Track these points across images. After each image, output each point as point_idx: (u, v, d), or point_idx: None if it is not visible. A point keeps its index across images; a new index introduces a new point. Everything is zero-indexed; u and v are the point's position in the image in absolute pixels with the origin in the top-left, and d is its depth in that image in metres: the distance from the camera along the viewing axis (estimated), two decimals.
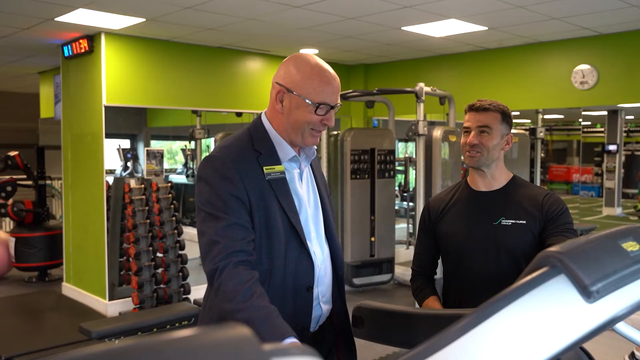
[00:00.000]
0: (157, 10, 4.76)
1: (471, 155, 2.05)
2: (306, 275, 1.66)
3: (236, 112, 6.91)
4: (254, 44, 6.24)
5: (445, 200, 2.17)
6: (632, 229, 0.88)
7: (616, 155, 7.85)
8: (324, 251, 1.74)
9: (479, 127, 2.03)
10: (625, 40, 5.50)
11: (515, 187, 2.08)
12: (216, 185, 1.58)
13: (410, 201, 7.50)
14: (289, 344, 1.33)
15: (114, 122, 6.00)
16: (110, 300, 5.68)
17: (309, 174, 1.79)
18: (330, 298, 1.77)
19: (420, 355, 0.72)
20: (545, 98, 6.19)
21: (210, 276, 1.53)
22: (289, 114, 1.65)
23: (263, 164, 1.64)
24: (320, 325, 1.76)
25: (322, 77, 1.62)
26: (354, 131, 6.45)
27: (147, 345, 0.43)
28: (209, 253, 1.54)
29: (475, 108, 2.05)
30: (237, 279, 1.48)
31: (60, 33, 5.58)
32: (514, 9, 4.63)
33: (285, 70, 1.66)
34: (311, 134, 1.66)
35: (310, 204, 1.74)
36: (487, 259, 2.00)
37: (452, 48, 6.46)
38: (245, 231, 1.55)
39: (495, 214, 2.03)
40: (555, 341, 0.71)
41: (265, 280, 1.60)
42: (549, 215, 1.98)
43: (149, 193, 5.65)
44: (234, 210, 1.55)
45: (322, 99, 1.61)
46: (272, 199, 1.61)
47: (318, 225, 1.75)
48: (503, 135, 2.05)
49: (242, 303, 1.45)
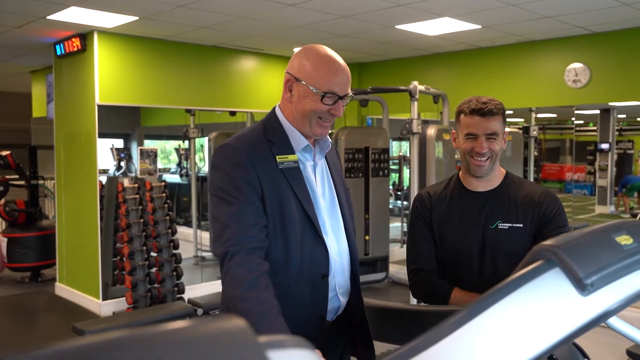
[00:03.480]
0: (150, 9, 4.74)
1: (480, 165, 1.93)
2: (321, 263, 1.66)
3: (230, 111, 6.89)
4: (247, 43, 6.23)
5: (438, 194, 2.05)
6: (625, 222, 0.88)
7: (608, 153, 7.90)
8: (340, 244, 1.74)
9: (487, 135, 1.90)
10: (618, 39, 5.53)
11: (510, 186, 2.01)
12: (229, 172, 1.60)
13: (404, 200, 7.51)
14: (284, 336, 1.33)
15: (107, 121, 5.98)
16: (103, 300, 5.66)
17: (324, 168, 1.78)
18: (348, 290, 1.77)
19: (415, 350, 0.72)
20: (538, 96, 6.22)
21: (221, 259, 1.55)
22: (297, 102, 1.66)
23: (276, 153, 1.65)
24: (338, 317, 1.76)
25: (329, 67, 1.63)
26: (348, 130, 6.46)
27: (142, 336, 0.43)
28: (221, 237, 1.55)
29: (482, 113, 1.89)
30: (247, 267, 1.49)
31: (52, 31, 5.56)
32: (507, 7, 4.64)
33: (295, 60, 1.69)
34: (319, 123, 1.66)
35: (325, 198, 1.74)
36: (485, 264, 1.94)
37: (446, 47, 6.47)
38: (257, 216, 1.56)
39: (491, 217, 1.95)
40: (549, 334, 0.71)
41: (282, 268, 1.61)
42: (545, 217, 1.93)
43: (142, 192, 5.63)
44: (246, 195, 1.57)
45: (328, 88, 1.62)
46: (286, 188, 1.63)
47: (335, 219, 1.75)
48: (503, 135, 1.96)
49: (246, 292, 1.46)
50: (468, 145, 1.93)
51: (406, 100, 5.96)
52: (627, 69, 5.51)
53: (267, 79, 6.77)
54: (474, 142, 1.92)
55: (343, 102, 1.66)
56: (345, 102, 1.67)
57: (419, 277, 2.03)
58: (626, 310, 0.79)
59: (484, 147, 1.90)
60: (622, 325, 0.89)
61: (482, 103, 1.90)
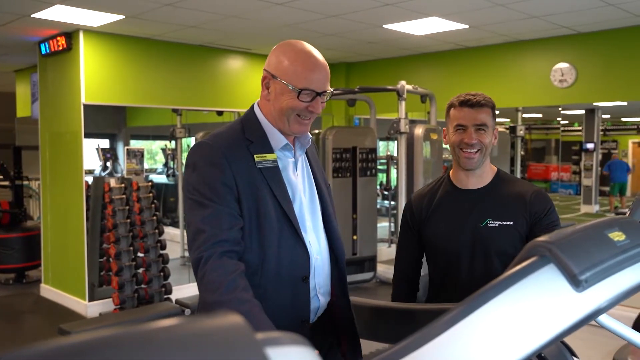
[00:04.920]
0: (137, 7, 4.71)
1: (469, 157, 1.93)
2: (301, 265, 1.62)
3: (217, 111, 6.86)
4: (235, 42, 6.21)
5: (428, 197, 2.07)
6: (617, 219, 0.89)
7: (593, 153, 7.97)
8: (320, 242, 1.71)
9: (476, 125, 1.92)
10: (603, 39, 5.58)
11: (501, 183, 2.01)
12: (204, 172, 1.56)
13: (392, 200, 7.52)
14: (281, 333, 1.32)
15: (92, 121, 5.92)
16: (90, 301, 5.61)
17: (304, 164, 1.75)
18: (328, 290, 1.73)
19: (409, 348, 0.72)
20: (525, 96, 6.26)
21: (194, 265, 1.50)
22: (275, 100, 1.62)
23: (254, 152, 1.61)
24: (319, 318, 1.72)
25: (305, 63, 1.59)
26: (336, 130, 6.45)
27: (138, 333, 0.42)
28: (195, 242, 1.51)
29: (471, 104, 1.92)
30: (221, 270, 1.45)
31: (37, 30, 5.49)
32: (494, 7, 4.67)
33: (272, 57, 1.66)
34: (297, 120, 1.62)
35: (305, 194, 1.71)
36: (475, 262, 1.94)
37: (433, 46, 6.49)
38: (232, 219, 1.53)
39: (481, 215, 1.95)
40: (545, 330, 0.71)
41: (258, 269, 1.57)
42: (536, 216, 1.93)
43: (129, 192, 5.58)
44: (221, 197, 1.53)
45: (305, 85, 1.58)
46: (264, 188, 1.59)
47: (315, 215, 1.72)
48: (493, 129, 1.97)
49: (225, 295, 1.42)
50: (458, 137, 1.95)
51: (394, 100, 5.98)
52: (612, 69, 5.57)
53: (254, 78, 6.74)
54: (463, 133, 1.94)
55: (321, 98, 1.62)
56: (324, 98, 1.63)
57: (395, 282, 2.19)
58: (615, 308, 0.79)
59: (473, 138, 1.92)
60: (612, 323, 0.90)
61: (472, 95, 1.94)
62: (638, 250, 0.83)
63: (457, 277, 1.98)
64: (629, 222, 0.89)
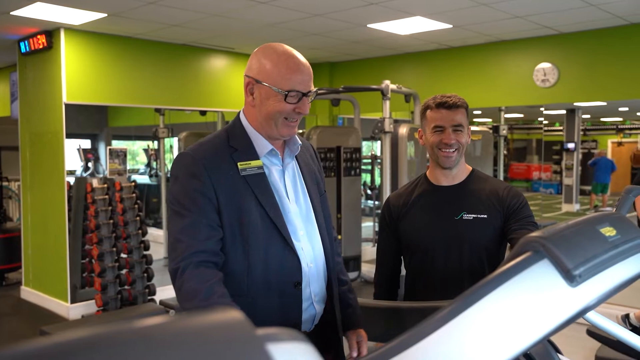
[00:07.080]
0: (119, 5, 4.66)
1: (448, 156, 2.01)
2: (291, 270, 1.61)
3: (200, 111, 6.82)
4: (218, 41, 6.18)
5: (405, 196, 2.14)
6: (607, 215, 0.89)
7: (574, 153, 8.06)
8: (315, 249, 1.69)
9: (453, 126, 2.00)
10: (585, 39, 5.65)
11: (475, 180, 2.08)
12: (184, 182, 1.56)
13: (376, 199, 7.54)
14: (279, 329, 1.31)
15: (74, 121, 5.85)
16: (72, 303, 5.54)
17: (295, 170, 1.73)
18: (324, 298, 1.72)
19: (403, 345, 0.71)
20: (508, 95, 6.31)
21: (172, 276, 1.50)
22: (261, 105, 1.61)
23: (238, 160, 1.59)
24: (316, 326, 1.71)
25: (289, 64, 1.58)
26: (320, 129, 6.45)
27: (137, 329, 0.41)
28: (173, 252, 1.51)
29: (448, 105, 1.99)
30: (198, 278, 1.45)
31: (16, 28, 5.41)
32: (478, 6, 4.70)
33: (253, 61, 1.64)
34: (285, 124, 1.61)
35: (298, 202, 1.69)
36: (450, 254, 1.99)
37: (417, 46, 6.52)
38: (210, 230, 1.52)
39: (456, 209, 2.01)
40: (539, 325, 0.71)
41: (244, 278, 1.56)
42: (510, 209, 1.98)
43: (112, 193, 5.52)
44: (199, 208, 1.52)
45: (291, 86, 1.57)
46: (248, 195, 1.57)
47: (308, 222, 1.70)
48: (468, 129, 2.05)
49: (202, 301, 1.41)
50: (436, 138, 2.01)
51: (378, 100, 5.99)
52: (593, 69, 5.64)
53: (237, 78, 6.71)
54: (441, 134, 2.00)
55: (307, 98, 1.61)
56: (310, 98, 1.63)
57: (376, 280, 2.26)
58: (601, 306, 0.80)
59: (452, 138, 1.99)
60: (599, 319, 0.90)
61: (447, 97, 2.01)
62: (629, 245, 0.84)
63: (432, 269, 2.03)
64: (619, 218, 0.90)
